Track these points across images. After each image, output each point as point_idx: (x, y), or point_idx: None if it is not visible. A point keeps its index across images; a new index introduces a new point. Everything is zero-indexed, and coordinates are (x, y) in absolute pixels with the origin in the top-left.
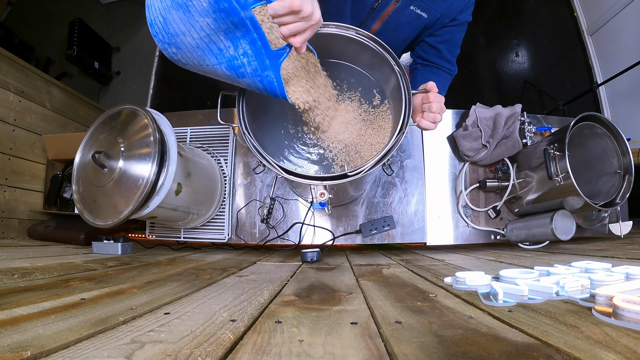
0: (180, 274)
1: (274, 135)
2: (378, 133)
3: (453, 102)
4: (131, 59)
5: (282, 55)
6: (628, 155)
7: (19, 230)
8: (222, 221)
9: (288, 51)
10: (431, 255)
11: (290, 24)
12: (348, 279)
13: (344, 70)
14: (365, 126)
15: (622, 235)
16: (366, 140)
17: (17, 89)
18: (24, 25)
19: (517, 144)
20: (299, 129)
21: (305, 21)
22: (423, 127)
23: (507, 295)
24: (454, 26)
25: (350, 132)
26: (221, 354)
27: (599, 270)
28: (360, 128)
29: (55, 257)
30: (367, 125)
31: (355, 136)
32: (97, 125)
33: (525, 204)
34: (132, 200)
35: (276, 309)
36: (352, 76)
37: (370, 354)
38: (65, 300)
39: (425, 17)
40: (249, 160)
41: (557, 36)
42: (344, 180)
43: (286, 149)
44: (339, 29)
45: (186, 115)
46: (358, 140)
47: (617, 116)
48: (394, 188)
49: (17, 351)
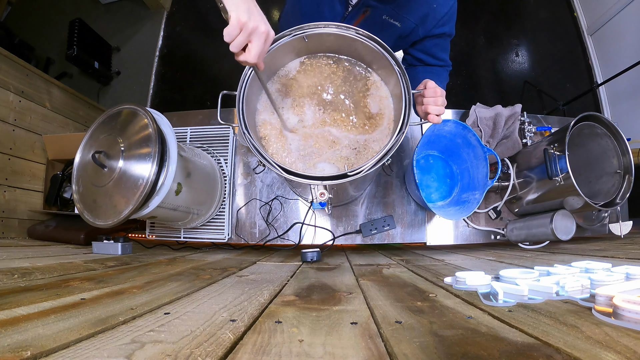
0: (180, 274)
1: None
2: (378, 133)
3: (453, 102)
4: (131, 59)
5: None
6: (628, 155)
7: (19, 230)
8: (222, 221)
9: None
10: (431, 255)
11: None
12: (348, 279)
13: (344, 66)
14: (365, 125)
15: (622, 235)
16: (366, 140)
17: (17, 89)
18: (24, 25)
19: (517, 144)
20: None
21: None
22: (430, 120)
23: (507, 295)
24: (438, 38)
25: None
26: (221, 354)
27: (599, 270)
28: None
29: (55, 257)
30: (367, 125)
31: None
32: (97, 125)
33: (525, 204)
34: (132, 200)
35: (276, 309)
36: (351, 75)
37: (370, 354)
38: (65, 300)
39: (399, 27)
40: (249, 160)
41: (557, 36)
42: (344, 180)
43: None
44: (339, 29)
45: (186, 115)
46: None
47: (617, 116)
48: (394, 188)
49: (17, 351)
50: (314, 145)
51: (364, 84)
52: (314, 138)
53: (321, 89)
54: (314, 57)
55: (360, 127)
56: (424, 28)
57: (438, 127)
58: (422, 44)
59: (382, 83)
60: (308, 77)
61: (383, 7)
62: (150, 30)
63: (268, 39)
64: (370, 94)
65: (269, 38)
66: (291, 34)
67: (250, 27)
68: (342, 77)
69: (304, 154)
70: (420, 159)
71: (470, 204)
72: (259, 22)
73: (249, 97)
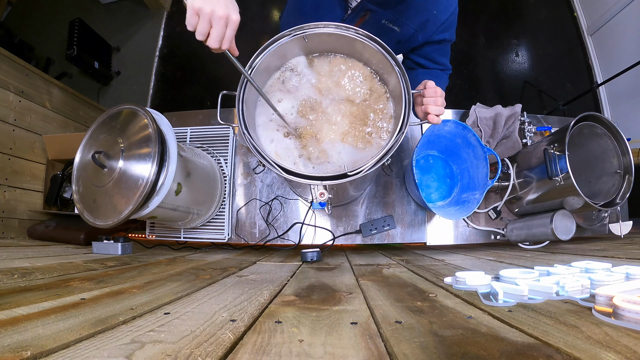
0: (180, 274)
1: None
2: (378, 133)
3: (453, 102)
4: (131, 59)
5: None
6: (628, 155)
7: (19, 230)
8: (222, 221)
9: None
10: (431, 255)
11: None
12: (348, 279)
13: (344, 66)
14: (365, 125)
15: (622, 235)
16: (366, 140)
17: (17, 89)
18: (24, 25)
19: (517, 144)
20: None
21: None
22: (430, 120)
23: (507, 295)
24: (438, 44)
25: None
26: (221, 354)
27: (599, 270)
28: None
29: (55, 257)
30: (367, 124)
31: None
32: (97, 125)
33: (525, 204)
34: (132, 200)
35: (276, 309)
36: (351, 75)
37: (370, 353)
38: (65, 300)
39: (398, 32)
40: (249, 160)
41: (557, 36)
42: (344, 180)
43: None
44: (339, 29)
45: (186, 115)
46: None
47: (617, 116)
48: (394, 188)
49: (17, 351)
50: (314, 144)
51: (364, 84)
52: (315, 137)
53: (321, 89)
54: (314, 57)
55: (361, 127)
56: (424, 34)
57: (438, 127)
58: (422, 50)
59: (381, 83)
60: (308, 76)
61: (383, 12)
62: (150, 30)
63: (230, 22)
64: (369, 94)
65: (231, 22)
66: (291, 34)
67: (207, 12)
68: (342, 77)
69: (304, 154)
70: (420, 159)
71: (470, 204)
72: (216, 5)
73: (249, 97)
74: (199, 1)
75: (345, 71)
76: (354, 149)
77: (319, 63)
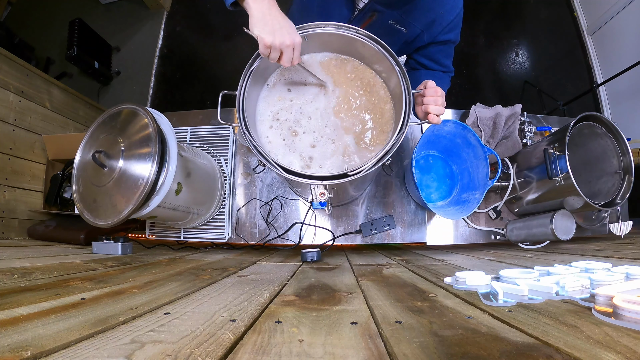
0: (180, 274)
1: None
2: (378, 133)
3: (453, 102)
4: (131, 59)
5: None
6: (628, 155)
7: (19, 230)
8: (222, 221)
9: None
10: (431, 255)
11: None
12: (348, 279)
13: (344, 66)
14: (366, 124)
15: (622, 235)
16: (366, 140)
17: (17, 89)
18: (24, 25)
19: (517, 144)
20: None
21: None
22: (430, 120)
23: (507, 295)
24: (442, 44)
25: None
26: (221, 354)
27: (599, 270)
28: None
29: (55, 257)
30: (367, 124)
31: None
32: (97, 124)
33: (525, 204)
34: (132, 200)
35: (276, 309)
36: (351, 72)
37: (370, 353)
38: (65, 300)
39: (405, 32)
40: (249, 160)
41: (557, 36)
42: (344, 180)
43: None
44: (339, 29)
45: (186, 115)
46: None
47: (617, 116)
48: (394, 188)
49: (17, 351)
50: (314, 144)
51: (364, 84)
52: (315, 137)
53: (321, 89)
54: (314, 56)
55: (360, 127)
56: (430, 34)
57: (438, 127)
58: (427, 50)
59: (382, 83)
60: (308, 76)
61: (390, 13)
62: (150, 30)
63: (296, 46)
64: (370, 94)
65: (297, 45)
66: None
67: (277, 45)
68: (342, 77)
69: (304, 154)
70: (420, 159)
71: (470, 203)
72: (284, 36)
73: (249, 97)
74: (268, 37)
75: (345, 71)
76: (354, 148)
77: (319, 63)
